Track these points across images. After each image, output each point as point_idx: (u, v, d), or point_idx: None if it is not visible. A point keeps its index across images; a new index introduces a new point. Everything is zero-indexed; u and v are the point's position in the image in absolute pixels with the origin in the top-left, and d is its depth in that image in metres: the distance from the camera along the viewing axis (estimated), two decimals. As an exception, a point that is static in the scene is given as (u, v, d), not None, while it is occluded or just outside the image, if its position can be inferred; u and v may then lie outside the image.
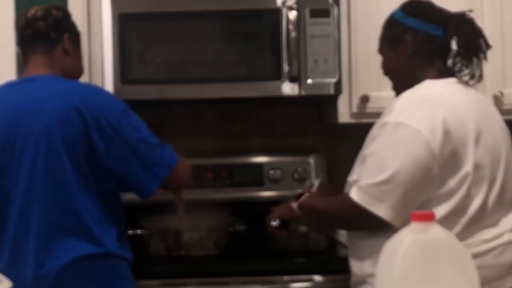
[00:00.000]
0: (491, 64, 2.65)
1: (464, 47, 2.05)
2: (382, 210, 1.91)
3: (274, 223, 2.21)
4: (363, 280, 2.04)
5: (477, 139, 1.95)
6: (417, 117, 1.92)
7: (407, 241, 1.22)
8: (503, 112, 2.67)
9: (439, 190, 1.92)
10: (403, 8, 2.12)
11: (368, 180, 1.93)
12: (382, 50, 2.18)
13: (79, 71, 2.32)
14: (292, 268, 2.45)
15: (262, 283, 2.40)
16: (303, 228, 2.43)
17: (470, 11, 2.10)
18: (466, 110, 1.97)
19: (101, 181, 2.14)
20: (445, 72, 2.07)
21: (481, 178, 1.95)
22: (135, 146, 2.14)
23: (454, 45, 2.08)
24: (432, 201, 1.92)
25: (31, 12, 2.23)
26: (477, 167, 1.93)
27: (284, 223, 2.29)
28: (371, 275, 1.98)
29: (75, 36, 2.30)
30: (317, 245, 2.55)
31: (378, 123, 2.01)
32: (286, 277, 2.42)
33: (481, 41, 2.06)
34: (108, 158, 2.12)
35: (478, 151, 1.94)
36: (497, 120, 2.08)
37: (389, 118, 1.96)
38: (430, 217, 1.23)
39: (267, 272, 2.43)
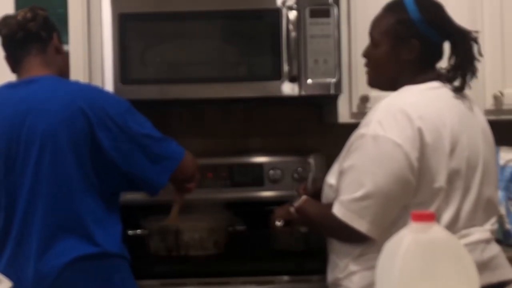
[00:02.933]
0: (491, 64, 2.67)
1: (464, 64, 2.02)
2: (364, 226, 1.93)
3: (279, 223, 2.22)
4: (337, 283, 2.05)
5: (453, 150, 1.93)
6: (396, 130, 1.90)
7: (407, 241, 1.22)
8: (503, 112, 2.69)
9: (412, 200, 1.93)
10: (422, 10, 2.02)
11: (349, 195, 1.94)
12: (379, 39, 2.07)
13: (68, 68, 2.35)
14: (292, 268, 2.45)
15: (262, 283, 2.40)
16: (303, 228, 2.43)
17: (476, 32, 2.07)
18: (443, 121, 1.94)
19: (105, 180, 2.15)
20: (432, 79, 2.04)
21: (454, 190, 1.94)
22: (140, 142, 2.15)
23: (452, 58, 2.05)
24: (408, 209, 1.91)
25: (21, 14, 2.23)
26: (450, 179, 1.93)
27: (288, 222, 2.29)
28: (343, 279, 2.01)
29: (59, 34, 2.32)
30: (317, 245, 2.54)
31: (356, 134, 1.98)
32: (286, 277, 2.42)
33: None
34: (115, 156, 2.12)
35: (453, 162, 1.93)
36: (479, 125, 2.04)
37: (367, 129, 1.93)
38: (430, 217, 1.23)
39: (267, 272, 2.43)
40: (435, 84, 2.02)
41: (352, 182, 1.94)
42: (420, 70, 2.04)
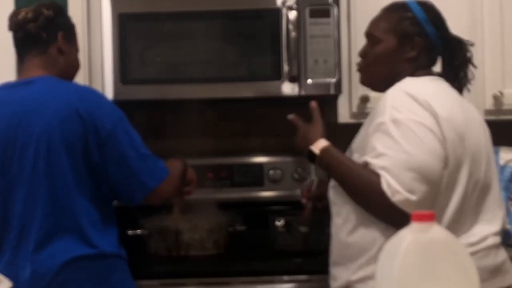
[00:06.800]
0: (491, 64, 2.67)
1: (462, 69, 2.07)
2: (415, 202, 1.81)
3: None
4: (350, 286, 1.97)
5: (461, 138, 1.91)
6: (411, 111, 1.87)
7: (407, 241, 1.22)
8: (503, 112, 2.69)
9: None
10: (426, 11, 2.05)
11: (394, 180, 1.82)
12: (382, 36, 2.06)
13: (75, 67, 2.29)
14: (292, 268, 2.45)
15: (262, 283, 2.40)
16: (303, 228, 2.42)
17: (471, 43, 2.12)
18: (453, 109, 1.93)
19: (98, 183, 2.14)
20: (430, 74, 2.05)
21: (459, 179, 1.91)
22: (125, 152, 2.13)
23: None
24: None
25: (22, 14, 2.20)
26: (457, 167, 1.90)
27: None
28: (357, 282, 1.95)
29: (69, 31, 2.27)
30: (317, 245, 2.54)
31: (374, 125, 1.92)
32: (286, 277, 2.42)
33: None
34: (101, 161, 2.11)
35: (461, 150, 1.91)
36: (478, 120, 2.04)
37: (384, 117, 1.88)
38: (430, 217, 1.23)
39: (267, 272, 2.43)
40: (435, 77, 2.03)
41: (391, 167, 1.83)
42: (417, 70, 2.04)
